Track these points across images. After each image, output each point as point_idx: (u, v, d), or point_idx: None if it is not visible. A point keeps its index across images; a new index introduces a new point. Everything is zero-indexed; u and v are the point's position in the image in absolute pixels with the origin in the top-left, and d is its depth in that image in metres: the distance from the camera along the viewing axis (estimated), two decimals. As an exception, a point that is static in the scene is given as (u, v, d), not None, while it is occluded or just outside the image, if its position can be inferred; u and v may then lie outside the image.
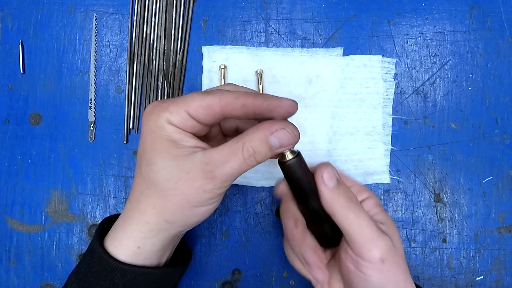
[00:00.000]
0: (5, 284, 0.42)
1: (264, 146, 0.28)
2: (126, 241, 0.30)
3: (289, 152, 0.30)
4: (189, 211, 0.29)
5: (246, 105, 0.28)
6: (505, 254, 0.41)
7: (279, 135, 0.28)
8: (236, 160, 0.28)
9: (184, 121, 0.28)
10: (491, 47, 0.43)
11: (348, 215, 0.30)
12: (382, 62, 0.42)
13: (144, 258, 0.30)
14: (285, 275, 0.42)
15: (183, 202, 0.28)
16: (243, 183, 0.41)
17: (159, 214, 0.29)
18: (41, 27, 0.44)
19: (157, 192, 0.29)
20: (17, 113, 0.43)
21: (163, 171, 0.28)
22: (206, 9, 0.43)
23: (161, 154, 0.28)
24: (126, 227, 0.31)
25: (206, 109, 0.28)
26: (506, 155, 0.42)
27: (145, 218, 0.29)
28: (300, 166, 0.31)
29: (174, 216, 0.29)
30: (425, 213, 0.42)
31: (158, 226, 0.29)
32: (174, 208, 0.29)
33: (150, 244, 0.30)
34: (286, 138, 0.28)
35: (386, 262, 0.29)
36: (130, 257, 0.30)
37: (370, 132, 0.42)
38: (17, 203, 0.43)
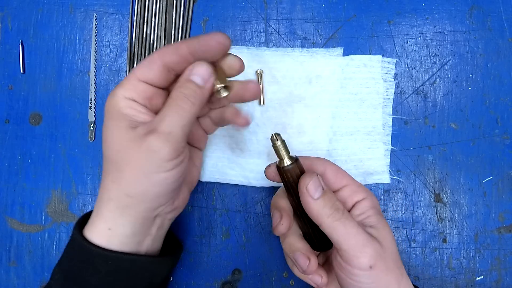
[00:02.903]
0: (5, 284, 0.42)
1: (190, 85, 0.29)
2: (98, 222, 0.30)
3: (287, 158, 0.31)
4: (146, 179, 0.28)
5: (180, 48, 0.29)
6: (505, 254, 0.41)
7: (197, 70, 0.29)
8: (171, 109, 0.28)
9: (134, 88, 0.29)
10: (491, 47, 0.43)
11: (334, 225, 0.30)
12: (382, 62, 0.42)
13: (120, 243, 0.30)
14: (285, 275, 0.42)
15: (137, 170, 0.28)
16: (243, 183, 0.41)
17: (118, 188, 0.29)
18: (41, 27, 0.44)
19: (113, 166, 0.29)
20: (17, 113, 0.43)
21: (114, 143, 0.29)
22: (206, 9, 0.43)
23: (112, 128, 0.29)
24: (97, 209, 0.31)
25: (148, 66, 0.29)
26: (506, 155, 0.42)
27: (108, 195, 0.29)
28: (297, 172, 0.31)
29: (132, 188, 0.29)
30: (425, 213, 0.42)
31: (121, 202, 0.29)
32: (131, 178, 0.28)
33: (120, 226, 0.30)
34: (203, 69, 0.29)
35: (375, 268, 0.29)
36: (104, 241, 0.30)
37: (370, 132, 0.42)
38: (17, 203, 0.43)
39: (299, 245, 0.34)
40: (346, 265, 0.30)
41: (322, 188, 0.30)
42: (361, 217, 0.32)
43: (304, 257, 0.33)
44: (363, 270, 0.29)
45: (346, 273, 0.30)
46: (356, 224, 0.30)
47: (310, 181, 0.30)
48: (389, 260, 0.30)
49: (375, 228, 0.31)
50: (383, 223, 0.32)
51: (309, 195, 0.30)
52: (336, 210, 0.30)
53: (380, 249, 0.30)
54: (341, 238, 0.30)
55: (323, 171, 0.34)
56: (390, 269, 0.30)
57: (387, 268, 0.30)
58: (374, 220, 0.32)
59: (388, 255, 0.30)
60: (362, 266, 0.29)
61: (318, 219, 0.30)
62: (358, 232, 0.30)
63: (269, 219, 0.42)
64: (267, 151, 0.41)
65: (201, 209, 0.42)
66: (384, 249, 0.30)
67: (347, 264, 0.30)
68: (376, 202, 0.34)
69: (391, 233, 0.32)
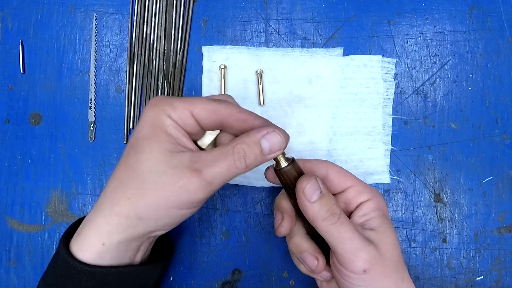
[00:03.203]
0: (5, 284, 0.42)
1: (255, 148, 0.28)
2: (91, 236, 0.28)
3: (283, 160, 0.31)
4: (165, 210, 0.28)
5: (247, 121, 0.29)
6: (505, 254, 0.41)
7: (270, 138, 0.29)
8: (225, 161, 0.28)
9: (185, 119, 0.29)
10: (491, 47, 0.43)
11: (328, 229, 0.30)
12: (382, 62, 0.42)
13: (111, 257, 0.29)
14: (285, 275, 0.42)
15: (161, 199, 0.27)
16: (243, 183, 0.41)
17: (132, 207, 0.28)
18: (41, 27, 0.44)
19: (137, 183, 0.27)
20: (17, 113, 0.43)
21: (150, 161, 0.27)
22: (206, 9, 0.43)
23: (152, 144, 0.28)
24: (94, 220, 0.29)
25: (209, 112, 0.29)
26: (506, 155, 0.42)
27: (117, 209, 0.28)
28: (294, 173, 0.31)
29: (147, 212, 0.28)
30: (425, 213, 0.42)
31: (128, 221, 0.28)
32: (150, 203, 0.27)
33: (115, 242, 0.28)
34: (276, 141, 0.29)
35: (369, 272, 0.29)
36: (95, 256, 0.28)
37: (370, 132, 0.42)
38: (17, 203, 0.43)
39: (306, 245, 0.33)
40: (341, 267, 0.30)
41: (319, 191, 0.30)
42: (363, 219, 0.32)
43: (312, 257, 0.33)
44: (357, 274, 0.29)
45: (342, 275, 0.30)
46: (351, 228, 0.30)
47: (307, 184, 0.30)
48: (387, 264, 0.30)
49: (375, 231, 0.31)
50: (385, 226, 0.32)
51: (306, 198, 0.30)
52: (332, 214, 0.30)
53: (376, 253, 0.30)
54: (335, 242, 0.30)
55: (325, 173, 0.33)
56: (387, 273, 0.30)
57: (384, 272, 0.30)
58: (376, 222, 0.32)
59: (386, 259, 0.30)
60: (355, 270, 0.29)
61: (314, 222, 0.30)
62: (353, 236, 0.29)
63: (269, 219, 0.42)
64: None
65: (201, 209, 0.42)
66: (381, 253, 0.30)
67: (342, 267, 0.30)
68: (382, 204, 0.33)
69: (393, 237, 0.31)
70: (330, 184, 0.33)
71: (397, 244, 0.32)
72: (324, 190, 0.30)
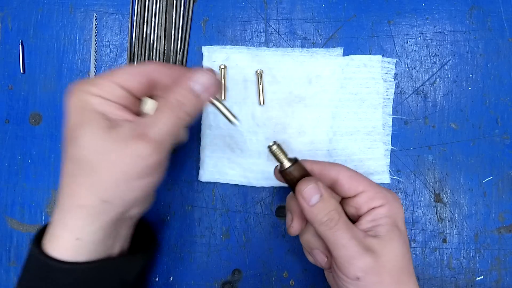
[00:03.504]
0: (5, 284, 0.42)
1: (188, 94, 0.28)
2: (63, 233, 0.28)
3: (286, 161, 0.31)
4: (126, 184, 0.27)
5: (173, 70, 0.29)
6: (505, 254, 0.41)
7: (198, 78, 0.28)
8: (166, 116, 0.27)
9: (113, 91, 0.28)
10: (491, 47, 0.43)
11: (325, 233, 0.30)
12: (382, 62, 0.42)
13: (88, 251, 0.28)
14: (285, 275, 0.42)
15: (118, 174, 0.26)
16: (243, 183, 0.41)
17: (92, 194, 0.27)
18: (41, 27, 0.44)
19: (87, 169, 0.27)
20: (17, 113, 0.43)
21: (92, 143, 0.26)
22: (206, 9, 0.43)
23: (88, 127, 0.27)
24: (60, 219, 0.28)
25: (135, 75, 0.28)
26: (506, 155, 0.42)
27: (78, 202, 0.27)
28: (297, 174, 0.31)
29: (109, 193, 0.27)
30: (425, 213, 0.42)
31: (95, 209, 0.27)
32: (109, 183, 0.26)
33: (91, 233, 0.28)
34: (205, 79, 0.28)
35: (363, 280, 0.29)
36: (72, 253, 0.28)
37: (370, 132, 0.42)
38: (17, 203, 0.43)
39: (316, 243, 0.33)
40: (337, 269, 0.30)
41: (319, 195, 0.30)
42: (371, 224, 0.31)
43: (322, 255, 0.33)
44: (350, 279, 0.29)
45: (336, 276, 0.31)
46: (349, 235, 0.29)
47: (306, 187, 0.30)
48: (385, 274, 0.29)
49: (379, 239, 0.30)
50: (392, 235, 0.30)
51: (305, 201, 0.30)
52: (330, 219, 0.30)
53: (372, 262, 0.29)
54: (331, 246, 0.30)
55: (335, 176, 0.32)
56: (383, 283, 0.29)
57: (380, 281, 0.29)
58: (383, 230, 0.31)
59: (384, 269, 0.29)
60: (349, 275, 0.29)
61: (313, 225, 0.31)
62: (349, 244, 0.29)
63: (269, 219, 0.42)
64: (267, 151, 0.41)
65: (201, 209, 0.42)
66: (380, 262, 0.29)
67: (337, 269, 0.30)
68: (395, 212, 0.32)
69: (399, 247, 0.30)
70: (340, 188, 0.32)
71: (403, 254, 0.30)
72: (325, 194, 0.30)
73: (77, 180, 0.27)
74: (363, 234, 0.31)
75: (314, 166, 0.33)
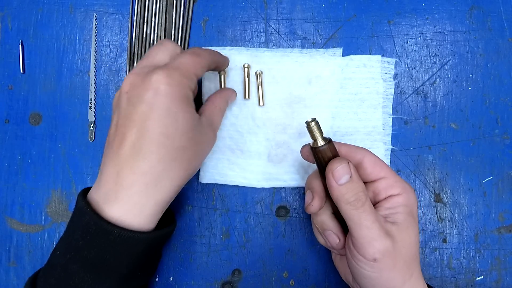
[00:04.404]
0: (5, 284, 0.42)
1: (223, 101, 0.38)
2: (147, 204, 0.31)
3: (320, 139, 0.32)
4: (204, 157, 0.35)
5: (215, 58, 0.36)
6: (505, 254, 0.41)
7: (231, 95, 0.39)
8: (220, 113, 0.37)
9: (193, 82, 0.32)
10: (491, 47, 0.43)
11: (350, 213, 0.31)
12: (381, 62, 0.42)
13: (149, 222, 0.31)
14: (285, 275, 0.42)
15: (205, 153, 0.35)
16: (244, 184, 0.41)
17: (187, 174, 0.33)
18: (41, 27, 0.44)
19: (181, 153, 0.31)
20: (17, 113, 0.43)
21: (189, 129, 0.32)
22: (206, 9, 0.43)
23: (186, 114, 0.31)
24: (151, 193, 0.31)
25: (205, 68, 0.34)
26: (506, 155, 0.42)
27: (176, 183, 0.32)
28: (329, 153, 0.32)
29: (196, 168, 0.34)
30: (425, 213, 0.42)
31: (181, 185, 0.33)
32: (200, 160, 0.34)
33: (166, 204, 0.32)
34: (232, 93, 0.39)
35: (379, 262, 0.30)
36: (144, 221, 0.31)
37: (370, 132, 0.42)
38: (17, 203, 0.43)
39: (331, 224, 0.34)
40: (354, 250, 0.31)
41: (349, 175, 0.31)
42: (388, 211, 0.32)
43: (335, 237, 0.34)
44: (368, 260, 0.30)
45: (353, 257, 0.32)
46: (373, 217, 0.30)
47: (338, 166, 0.31)
48: (399, 258, 0.31)
49: (396, 225, 0.31)
50: (408, 224, 0.32)
51: (334, 179, 0.31)
52: (357, 200, 0.31)
53: (390, 246, 0.30)
54: (354, 226, 0.31)
55: (360, 159, 0.33)
56: (397, 267, 0.31)
57: (394, 265, 0.30)
58: (401, 218, 0.32)
59: (399, 254, 0.31)
60: (367, 256, 0.30)
61: (338, 203, 0.31)
62: (372, 226, 0.30)
63: (269, 219, 0.42)
64: (267, 151, 0.41)
65: (201, 209, 0.42)
66: (396, 247, 0.30)
67: (355, 249, 0.31)
68: (411, 202, 0.33)
69: (413, 235, 0.32)
70: (363, 172, 0.33)
71: (415, 242, 0.32)
72: (354, 176, 0.31)
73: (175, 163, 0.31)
74: (383, 218, 0.32)
75: (342, 148, 0.34)
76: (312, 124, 0.32)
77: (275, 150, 0.41)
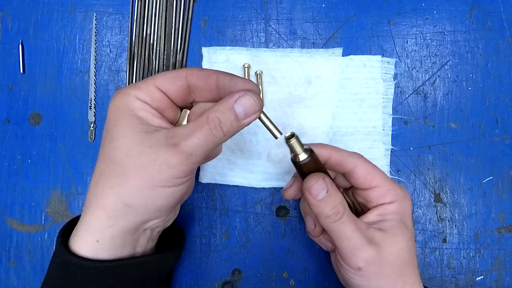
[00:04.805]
0: (5, 284, 0.42)
1: (229, 114, 0.28)
2: (85, 234, 0.28)
3: (302, 152, 0.31)
4: (151, 191, 0.27)
5: (210, 77, 0.29)
6: (505, 254, 0.41)
7: (243, 101, 0.28)
8: (202, 131, 0.27)
9: (152, 94, 0.29)
10: (491, 47, 0.43)
11: (330, 226, 0.31)
12: (381, 62, 0.42)
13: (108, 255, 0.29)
14: (285, 275, 0.42)
15: (144, 179, 0.27)
16: (244, 184, 0.41)
17: (117, 196, 0.27)
18: (41, 27, 0.44)
19: (116, 170, 0.27)
20: (17, 113, 0.43)
21: (125, 146, 0.27)
22: (206, 9, 0.43)
23: (124, 129, 0.27)
24: (84, 218, 0.29)
25: (172, 79, 0.29)
26: (506, 155, 0.42)
27: (102, 202, 0.28)
28: (314, 164, 0.31)
29: (133, 197, 0.27)
30: (425, 213, 0.42)
31: (116, 212, 0.27)
32: (135, 187, 0.27)
33: (109, 238, 0.28)
34: (250, 104, 0.28)
35: (364, 270, 0.30)
36: (92, 254, 0.28)
37: (370, 132, 0.42)
38: (17, 203, 0.43)
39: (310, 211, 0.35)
40: (341, 260, 0.32)
41: (326, 191, 0.31)
42: (377, 218, 0.32)
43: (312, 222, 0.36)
44: (353, 269, 0.31)
45: (340, 267, 0.32)
46: (353, 227, 0.30)
47: (314, 183, 0.31)
48: (386, 266, 0.30)
49: (383, 233, 0.31)
50: (396, 231, 0.31)
51: (312, 197, 0.31)
52: (336, 213, 0.30)
53: (374, 254, 0.30)
54: (336, 238, 0.31)
55: (352, 168, 0.33)
56: (385, 275, 0.30)
57: (380, 273, 0.30)
58: (388, 225, 0.32)
59: (386, 261, 0.30)
60: (351, 265, 0.31)
61: (318, 218, 0.32)
62: (353, 236, 0.30)
63: (269, 219, 0.42)
64: (267, 152, 0.41)
65: (201, 209, 0.42)
66: (382, 255, 0.30)
67: (341, 259, 0.32)
68: (404, 209, 0.32)
69: (403, 241, 0.31)
70: (354, 180, 0.33)
71: (408, 249, 0.31)
72: (331, 190, 0.31)
73: (105, 179, 0.28)
74: (366, 226, 0.31)
75: (333, 154, 0.33)
76: (292, 141, 0.31)
77: (275, 150, 0.41)
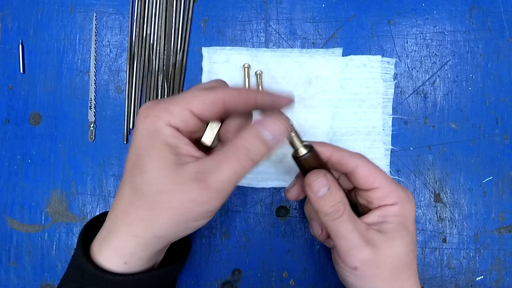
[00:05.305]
0: (5, 284, 0.42)
1: (256, 141, 0.27)
2: (113, 257, 0.29)
3: (302, 148, 0.31)
4: (182, 225, 0.27)
5: (249, 98, 0.28)
6: (505, 254, 0.41)
7: (269, 126, 0.27)
8: (229, 163, 0.26)
9: (186, 120, 0.27)
10: (491, 47, 0.43)
11: (328, 224, 0.31)
12: (381, 62, 0.42)
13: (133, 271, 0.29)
14: (285, 275, 0.42)
15: (176, 216, 0.27)
16: (244, 184, 0.41)
17: (148, 228, 0.27)
18: (41, 27, 0.44)
19: (148, 204, 0.27)
20: (17, 113, 0.43)
21: (156, 180, 0.26)
22: (206, 9, 0.43)
23: (156, 162, 0.27)
24: (111, 241, 0.29)
25: (210, 105, 0.27)
26: (506, 155, 0.42)
27: (133, 231, 0.28)
28: (314, 160, 0.31)
29: (164, 231, 0.27)
30: (425, 213, 0.42)
31: (146, 241, 0.28)
32: (166, 222, 0.27)
33: (137, 260, 0.29)
34: (277, 128, 0.27)
35: (359, 270, 0.30)
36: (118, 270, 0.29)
37: (370, 132, 0.42)
38: (17, 203, 0.43)
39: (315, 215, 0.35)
40: (337, 257, 0.32)
41: (327, 187, 0.31)
42: (377, 220, 0.32)
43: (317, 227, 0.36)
44: (349, 268, 0.31)
45: (336, 264, 0.33)
46: (351, 227, 0.30)
47: (315, 180, 0.31)
48: (383, 268, 0.30)
49: (382, 235, 0.31)
50: (396, 233, 0.31)
51: (313, 192, 0.31)
52: (335, 211, 0.30)
53: (370, 255, 0.30)
54: (334, 236, 0.31)
55: (353, 168, 0.32)
56: (381, 276, 0.30)
57: (377, 274, 0.30)
58: (389, 227, 0.31)
59: (384, 263, 0.30)
60: (347, 264, 0.31)
61: (318, 214, 0.32)
62: (351, 235, 0.30)
63: (269, 219, 0.42)
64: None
65: (201, 209, 0.42)
66: (379, 256, 0.30)
67: (338, 257, 0.32)
68: (406, 212, 0.32)
69: (403, 245, 0.31)
70: (356, 181, 0.32)
71: (406, 253, 0.31)
72: (333, 187, 0.31)
73: (136, 211, 0.27)
74: (365, 226, 0.31)
75: (334, 154, 0.32)
76: (291, 135, 0.30)
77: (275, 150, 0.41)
